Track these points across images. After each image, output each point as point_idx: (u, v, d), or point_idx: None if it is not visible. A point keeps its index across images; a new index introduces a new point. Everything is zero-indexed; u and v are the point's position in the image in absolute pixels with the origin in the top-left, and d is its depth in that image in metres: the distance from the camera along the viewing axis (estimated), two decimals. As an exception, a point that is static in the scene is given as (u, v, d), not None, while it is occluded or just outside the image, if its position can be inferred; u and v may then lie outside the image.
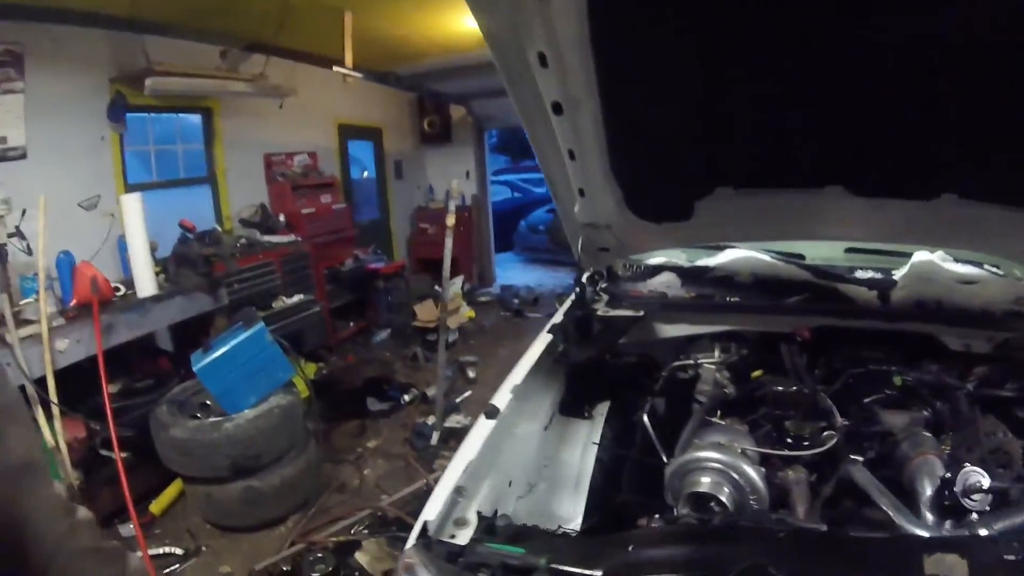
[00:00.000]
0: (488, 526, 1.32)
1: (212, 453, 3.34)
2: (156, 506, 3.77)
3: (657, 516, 1.51)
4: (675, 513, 1.46)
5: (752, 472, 1.42)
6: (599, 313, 2.21)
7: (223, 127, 5.63)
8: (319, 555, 3.13)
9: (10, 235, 3.37)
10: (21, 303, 3.41)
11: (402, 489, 3.84)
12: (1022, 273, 2.20)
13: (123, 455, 3.51)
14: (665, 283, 2.28)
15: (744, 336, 2.11)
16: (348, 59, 5.10)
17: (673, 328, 2.19)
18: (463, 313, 6.95)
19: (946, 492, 1.31)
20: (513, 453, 1.70)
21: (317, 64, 5.99)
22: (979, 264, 2.23)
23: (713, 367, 2.00)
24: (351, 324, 6.73)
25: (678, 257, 2.41)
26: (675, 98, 1.61)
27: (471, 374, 5.74)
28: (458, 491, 1.40)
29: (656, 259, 2.39)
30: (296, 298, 5.19)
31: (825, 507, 1.46)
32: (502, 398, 1.68)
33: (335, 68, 5.54)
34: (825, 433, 1.58)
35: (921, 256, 2.20)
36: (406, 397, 5.17)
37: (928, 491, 1.37)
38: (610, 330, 2.14)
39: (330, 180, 6.70)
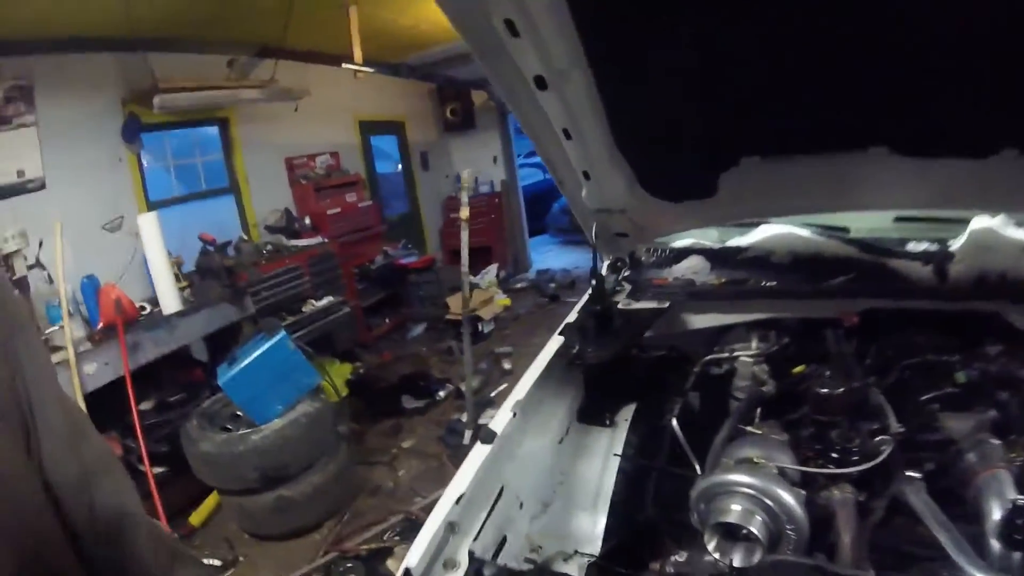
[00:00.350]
0: (477, 571, 1.16)
1: (240, 465, 3.32)
2: (196, 517, 3.81)
3: (681, 554, 1.31)
4: (703, 540, 1.26)
5: (789, 499, 1.20)
6: (620, 306, 1.99)
7: (240, 135, 5.61)
8: (349, 564, 3.08)
9: (30, 267, 3.44)
10: (48, 331, 3.43)
11: (435, 491, 3.74)
12: None
13: (159, 470, 3.61)
14: (693, 268, 2.05)
15: (784, 324, 1.87)
16: (357, 54, 4.96)
17: (704, 318, 1.97)
18: (497, 302, 6.81)
19: (1019, 521, 1.07)
20: (523, 470, 1.54)
21: (327, 63, 5.93)
22: None
23: (750, 360, 1.77)
24: (385, 321, 6.70)
25: (707, 238, 2.16)
26: (680, 58, 1.40)
27: (507, 366, 5.60)
28: (450, 527, 1.24)
29: (682, 242, 2.15)
30: (326, 300, 5.11)
31: (874, 530, 1.25)
32: (502, 417, 1.51)
33: (344, 65, 5.43)
34: (878, 440, 1.35)
35: (981, 222, 1.88)
36: (441, 393, 5.08)
37: (996, 514, 1.13)
38: (632, 325, 1.92)
39: (354, 178, 6.63)
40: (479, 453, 1.39)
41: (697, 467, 1.50)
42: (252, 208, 5.74)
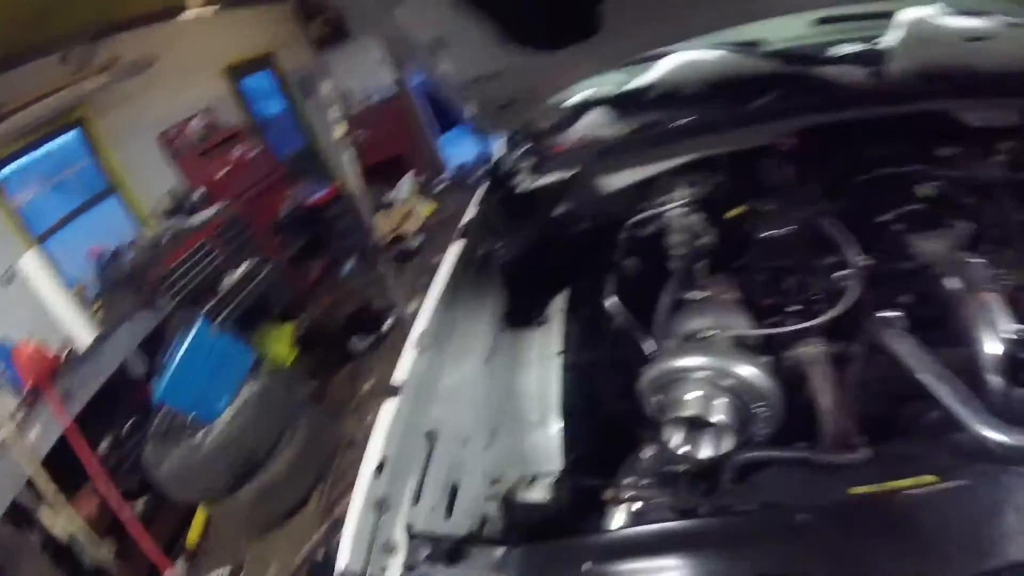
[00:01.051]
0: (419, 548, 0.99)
1: (206, 472, 3.12)
2: (191, 537, 3.65)
3: (652, 447, 1.13)
4: (664, 439, 1.08)
5: (752, 371, 1.02)
6: (524, 187, 1.76)
7: (103, 128, 4.97)
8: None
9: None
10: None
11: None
12: None
13: (142, 501, 3.48)
14: (596, 123, 1.80)
15: (712, 162, 1.64)
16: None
17: (622, 177, 1.73)
18: (420, 213, 6.43)
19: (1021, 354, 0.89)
20: (454, 405, 1.34)
21: (170, 18, 5.22)
22: (988, 15, 1.65)
23: (682, 210, 1.55)
24: (315, 266, 6.33)
25: (607, 85, 1.88)
26: None
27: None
28: (379, 506, 1.03)
29: (578, 97, 1.88)
30: (243, 267, 4.75)
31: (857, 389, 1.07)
32: (407, 357, 1.27)
33: (182, 16, 4.78)
34: (840, 278, 1.15)
35: (914, 12, 1.66)
36: (388, 323, 4.86)
37: (992, 348, 0.95)
38: (542, 204, 1.71)
39: (235, 130, 6.02)
40: (388, 410, 1.17)
41: (644, 349, 1.32)
42: (139, 201, 5.20)
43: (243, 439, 3.16)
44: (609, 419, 1.42)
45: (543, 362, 1.51)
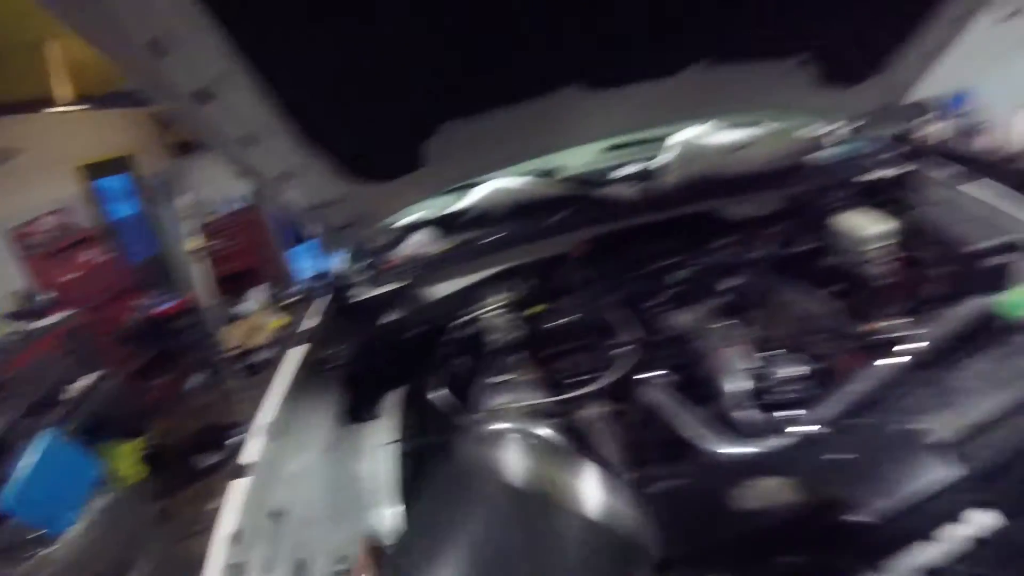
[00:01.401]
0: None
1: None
2: None
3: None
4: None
5: (544, 432, 1.30)
6: (361, 297, 1.99)
7: None
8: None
9: None
10: None
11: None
12: (795, 124, 2.20)
13: None
14: (423, 242, 2.08)
15: (521, 270, 1.98)
16: (62, 92, 4.29)
17: (447, 286, 2.02)
18: (269, 326, 6.13)
19: (754, 391, 1.23)
20: (301, 489, 1.48)
21: (32, 110, 5.02)
22: (753, 126, 2.17)
23: (495, 312, 1.84)
24: (162, 379, 6.00)
25: (430, 208, 2.20)
26: (347, 39, 1.37)
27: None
28: (235, 569, 1.15)
29: (407, 219, 2.17)
30: (90, 377, 4.47)
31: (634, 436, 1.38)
32: (254, 447, 1.42)
33: (47, 111, 4.67)
34: (616, 354, 1.48)
35: (682, 134, 2.13)
36: (234, 439, 4.69)
37: (733, 391, 1.30)
38: (377, 312, 1.94)
39: (88, 233, 5.78)
40: (238, 488, 1.30)
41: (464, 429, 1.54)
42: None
43: (92, 556, 2.97)
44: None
45: (380, 451, 1.65)
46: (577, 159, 2.33)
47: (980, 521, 0.95)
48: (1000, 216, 1.76)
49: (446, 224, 2.12)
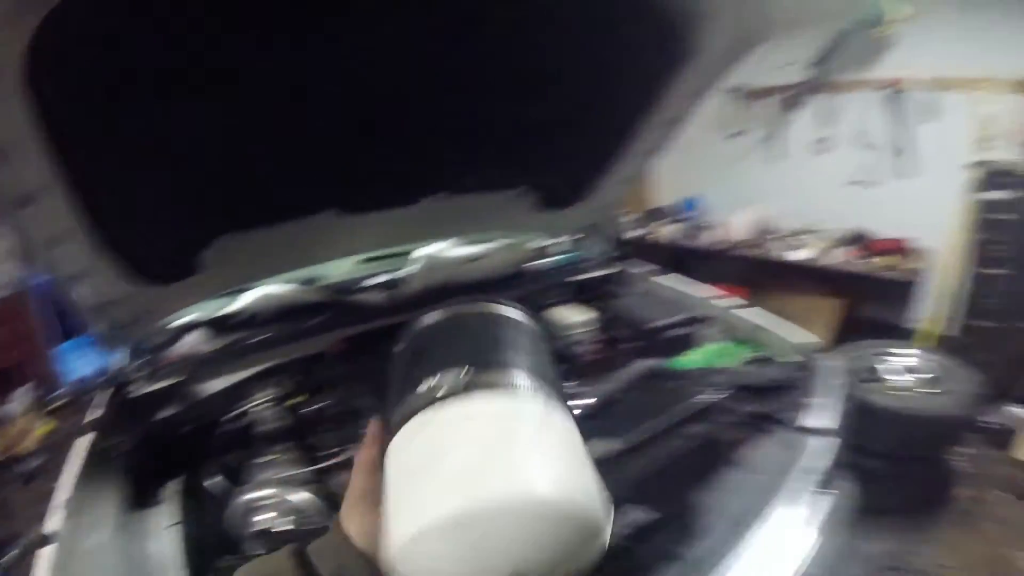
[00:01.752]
0: None
1: None
2: None
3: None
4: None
5: (299, 497, 1.59)
6: (140, 392, 2.10)
7: None
8: None
9: None
10: None
11: None
12: (524, 238, 2.87)
13: None
14: (196, 341, 2.27)
15: (286, 366, 2.26)
16: None
17: (219, 382, 2.21)
18: (36, 431, 5.37)
19: None
20: (96, 567, 1.48)
21: None
22: (488, 241, 2.79)
23: (263, 406, 2.08)
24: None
25: (204, 310, 2.41)
26: (136, 162, 1.63)
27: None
28: None
29: (182, 319, 2.35)
30: None
31: None
32: (54, 520, 1.47)
33: None
34: (361, 432, 1.84)
35: (423, 250, 2.69)
36: (13, 554, 3.87)
37: None
38: (154, 406, 2.06)
39: None
40: (45, 556, 1.34)
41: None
42: None
43: None
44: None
45: (164, 532, 1.71)
46: (337, 269, 2.77)
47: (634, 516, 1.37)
48: (687, 298, 2.59)
49: (219, 324, 2.35)
